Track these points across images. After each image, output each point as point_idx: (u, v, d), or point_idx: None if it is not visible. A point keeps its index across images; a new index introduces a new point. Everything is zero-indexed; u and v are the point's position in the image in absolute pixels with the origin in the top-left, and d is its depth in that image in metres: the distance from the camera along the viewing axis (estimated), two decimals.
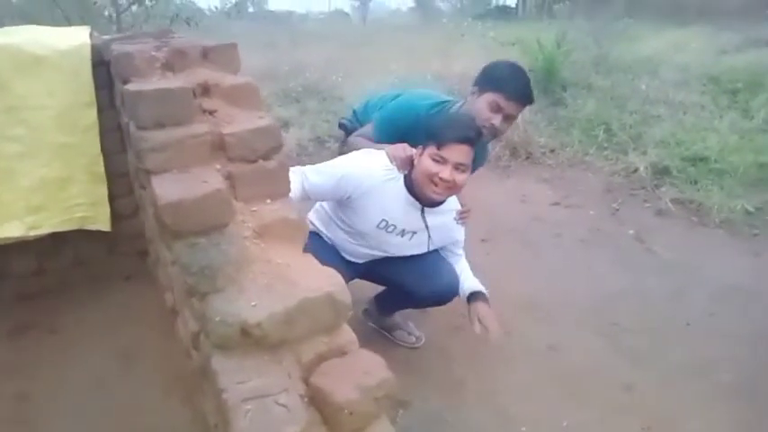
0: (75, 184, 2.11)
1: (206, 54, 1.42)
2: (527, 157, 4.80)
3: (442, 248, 2.16)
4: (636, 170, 4.21)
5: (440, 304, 2.19)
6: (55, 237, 2.09)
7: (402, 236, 2.01)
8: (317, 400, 0.96)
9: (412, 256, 2.08)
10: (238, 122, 1.26)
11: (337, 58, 7.81)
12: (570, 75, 5.89)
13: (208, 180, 1.11)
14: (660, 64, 6.06)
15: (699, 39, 7.72)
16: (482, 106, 2.04)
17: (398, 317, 2.43)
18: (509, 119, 2.10)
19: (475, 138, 1.79)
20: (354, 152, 1.98)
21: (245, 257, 1.10)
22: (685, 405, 2.08)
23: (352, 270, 2.07)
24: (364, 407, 0.94)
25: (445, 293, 2.11)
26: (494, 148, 4.86)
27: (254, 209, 1.20)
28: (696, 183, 3.97)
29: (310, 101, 5.66)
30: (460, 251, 2.22)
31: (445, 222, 2.06)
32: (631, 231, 3.56)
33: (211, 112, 1.28)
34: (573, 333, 2.54)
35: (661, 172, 4.12)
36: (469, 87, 2.17)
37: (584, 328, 2.58)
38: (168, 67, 1.41)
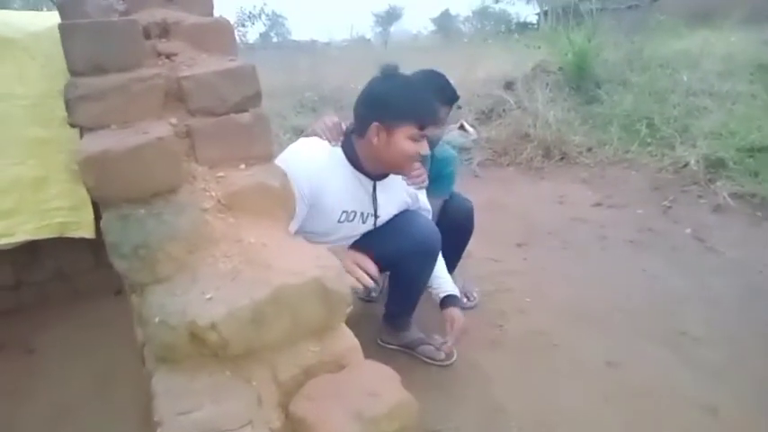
0: (52, 185, 1.84)
1: None
2: (562, 158, 4.44)
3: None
4: (686, 165, 3.80)
5: (432, 256, 1.91)
6: (33, 246, 1.83)
7: (364, 222, 1.81)
8: None
9: (378, 228, 1.87)
10: (201, 65, 0.96)
11: (356, 72, 7.60)
12: (603, 71, 5.52)
13: (150, 131, 0.81)
14: (701, 56, 5.64)
15: (737, 33, 7.26)
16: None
17: (418, 331, 2.09)
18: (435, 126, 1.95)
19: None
20: (284, 152, 1.70)
21: (202, 235, 0.79)
22: None
23: None
24: None
25: (428, 237, 1.86)
26: (526, 150, 4.53)
27: (221, 174, 0.90)
28: (757, 175, 3.53)
29: (327, 109, 5.42)
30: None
31: (396, 190, 1.86)
32: (688, 230, 3.15)
33: (169, 56, 0.99)
34: (633, 345, 2.15)
35: (715, 165, 3.70)
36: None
37: (646, 339, 2.18)
38: (126, 14, 1.13)
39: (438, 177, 2.22)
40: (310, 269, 0.73)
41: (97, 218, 1.86)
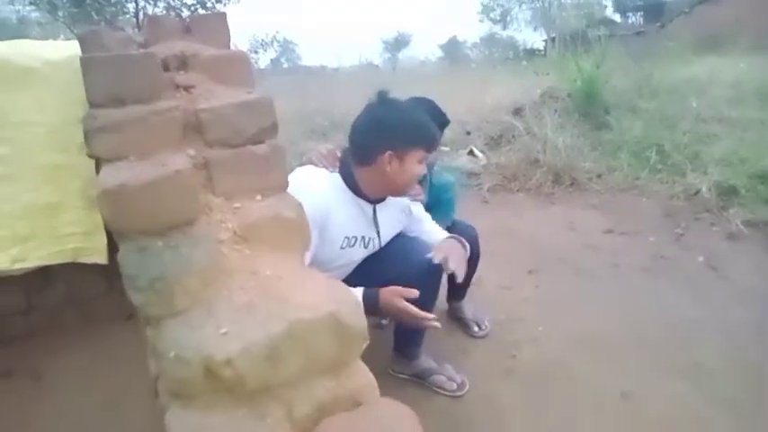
0: (67, 211, 1.86)
1: (189, 28, 1.16)
2: (571, 184, 4.43)
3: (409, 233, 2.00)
4: (697, 192, 3.78)
5: (437, 281, 1.87)
6: (45, 271, 1.84)
7: (366, 246, 1.81)
8: None
9: (376, 253, 1.88)
10: (219, 98, 0.97)
11: (365, 97, 7.67)
12: (612, 97, 5.54)
13: (168, 164, 0.82)
14: (710, 83, 5.65)
15: (745, 59, 7.29)
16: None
17: (431, 359, 2.06)
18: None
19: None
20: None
21: (218, 267, 0.79)
22: None
23: None
24: None
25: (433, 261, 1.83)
26: (535, 175, 4.53)
27: (238, 205, 0.90)
28: None
29: (337, 134, 5.46)
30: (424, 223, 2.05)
31: (392, 209, 1.89)
32: (701, 258, 3.11)
33: (187, 88, 1.00)
34: (649, 376, 2.11)
35: (727, 192, 3.67)
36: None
37: (661, 371, 2.14)
38: (145, 46, 1.15)
39: (437, 204, 2.21)
40: (326, 303, 0.73)
41: (110, 243, 1.88)
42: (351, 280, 1.87)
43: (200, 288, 0.75)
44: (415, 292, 1.58)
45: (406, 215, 1.96)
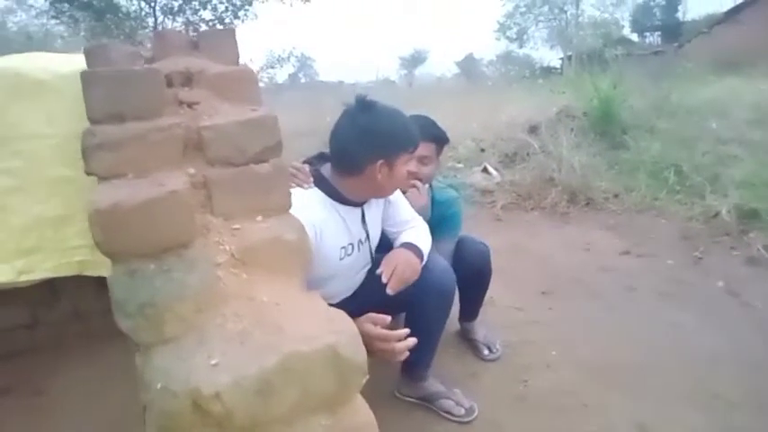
0: (74, 224, 1.84)
1: (197, 44, 1.13)
2: (587, 203, 4.35)
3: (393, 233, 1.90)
4: (716, 214, 3.68)
5: (448, 297, 1.85)
6: (51, 286, 1.82)
7: (359, 250, 1.76)
8: None
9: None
10: (223, 115, 0.94)
11: None
12: (629, 117, 5.47)
13: (165, 183, 0.79)
14: (729, 105, 5.56)
15: (765, 82, 7.18)
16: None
17: (439, 382, 2.00)
18: (424, 161, 2.06)
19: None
20: None
21: (213, 292, 0.75)
22: None
23: None
24: None
25: (443, 276, 1.81)
26: (550, 194, 4.46)
27: (237, 226, 0.87)
28: None
29: None
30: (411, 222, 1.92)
31: (374, 206, 1.82)
32: (720, 283, 3.02)
33: (191, 105, 0.98)
34: (665, 407, 2.03)
35: (748, 215, 3.57)
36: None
37: (678, 401, 2.06)
38: (151, 62, 1.13)
39: (442, 220, 2.16)
40: (324, 334, 0.68)
41: None
42: (357, 302, 1.82)
43: (193, 314, 0.71)
44: (387, 318, 1.46)
45: (386, 205, 1.88)
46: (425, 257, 1.78)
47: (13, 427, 1.64)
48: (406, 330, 1.47)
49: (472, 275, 2.15)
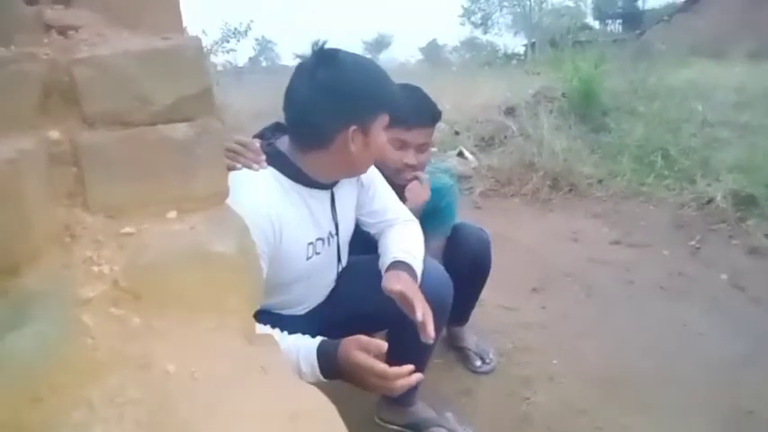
0: None
1: None
2: (570, 189, 4.08)
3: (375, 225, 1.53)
4: (710, 200, 3.45)
5: (443, 309, 1.44)
6: None
7: (329, 245, 1.40)
8: None
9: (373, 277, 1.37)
10: (113, 44, 0.56)
11: None
12: (609, 99, 5.22)
13: None
14: (715, 86, 5.39)
15: (743, 64, 7.10)
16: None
17: (428, 407, 1.67)
18: (422, 148, 1.72)
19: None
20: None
21: (66, 363, 0.38)
22: None
23: None
24: None
25: (438, 286, 1.43)
26: (531, 180, 4.18)
27: (129, 230, 0.50)
28: None
29: None
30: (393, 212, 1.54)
31: (347, 188, 1.44)
32: (724, 276, 2.78)
33: (64, 31, 0.60)
34: (682, 423, 1.76)
35: (744, 202, 3.35)
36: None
37: (695, 416, 1.79)
38: None
39: (433, 212, 1.81)
40: None
41: None
42: (329, 313, 1.46)
43: (14, 413, 0.35)
44: (383, 346, 1.12)
45: (357, 188, 1.50)
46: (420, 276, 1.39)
47: None
48: (410, 367, 1.11)
49: (468, 268, 1.82)
